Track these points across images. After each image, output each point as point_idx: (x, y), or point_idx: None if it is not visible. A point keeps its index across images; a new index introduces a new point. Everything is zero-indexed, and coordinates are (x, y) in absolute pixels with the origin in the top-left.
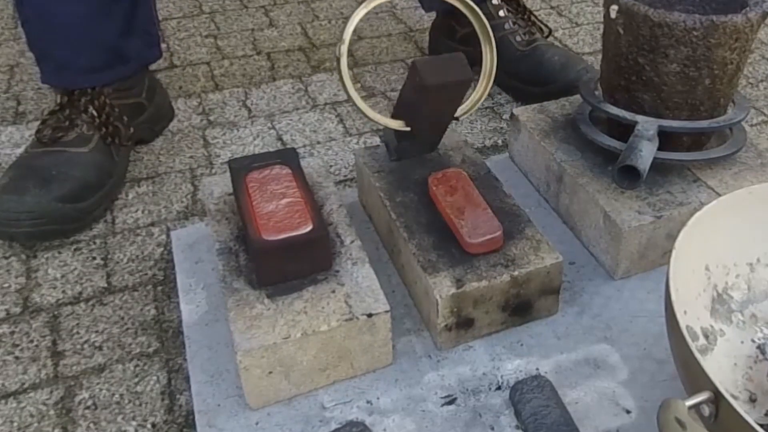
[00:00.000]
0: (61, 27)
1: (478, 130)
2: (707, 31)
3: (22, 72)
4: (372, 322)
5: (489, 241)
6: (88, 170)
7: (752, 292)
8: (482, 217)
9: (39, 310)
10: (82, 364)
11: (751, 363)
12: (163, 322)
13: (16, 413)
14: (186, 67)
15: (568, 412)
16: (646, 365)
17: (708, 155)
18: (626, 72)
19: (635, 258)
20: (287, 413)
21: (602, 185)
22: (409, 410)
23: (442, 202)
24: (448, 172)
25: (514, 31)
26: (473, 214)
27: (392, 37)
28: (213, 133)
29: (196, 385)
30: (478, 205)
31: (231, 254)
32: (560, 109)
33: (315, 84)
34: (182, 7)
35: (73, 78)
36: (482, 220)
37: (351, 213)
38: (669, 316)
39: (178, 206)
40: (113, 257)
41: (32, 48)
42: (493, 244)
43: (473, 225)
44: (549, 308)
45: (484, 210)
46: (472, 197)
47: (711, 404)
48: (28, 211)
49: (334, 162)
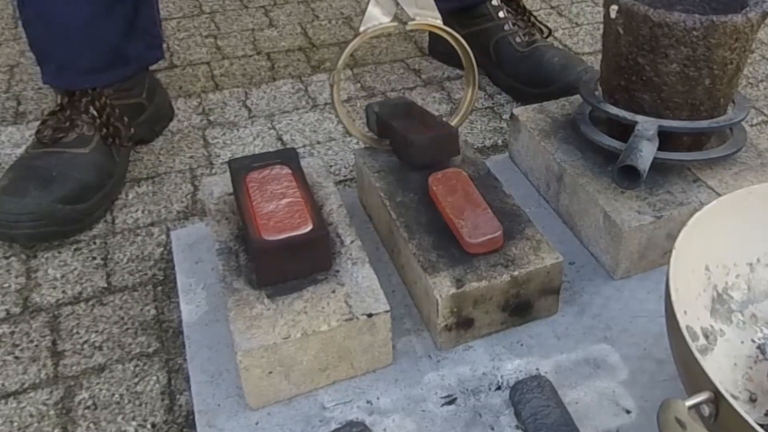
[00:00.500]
0: (62, 27)
1: (478, 130)
2: (707, 31)
3: (22, 72)
4: (372, 322)
5: (489, 241)
6: (88, 171)
7: (752, 292)
8: (482, 217)
9: (39, 310)
10: (82, 364)
11: (751, 363)
12: (163, 322)
13: (16, 413)
14: (186, 67)
15: (568, 412)
16: (646, 365)
17: (708, 155)
18: (626, 72)
19: (635, 258)
20: (287, 413)
21: (602, 185)
22: (409, 410)
23: (442, 202)
24: (448, 172)
25: (514, 32)
26: (473, 214)
27: (392, 37)
28: (213, 133)
29: (196, 385)
30: (478, 205)
31: (231, 254)
32: (560, 109)
33: (315, 84)
34: (182, 7)
35: (75, 78)
36: (482, 220)
37: (351, 213)
38: (669, 316)
39: (178, 206)
40: (113, 257)
41: (33, 48)
42: (494, 244)
43: (473, 225)
44: (549, 308)
45: (484, 210)
46: (472, 197)
47: (711, 404)
48: (28, 212)
49: (334, 162)
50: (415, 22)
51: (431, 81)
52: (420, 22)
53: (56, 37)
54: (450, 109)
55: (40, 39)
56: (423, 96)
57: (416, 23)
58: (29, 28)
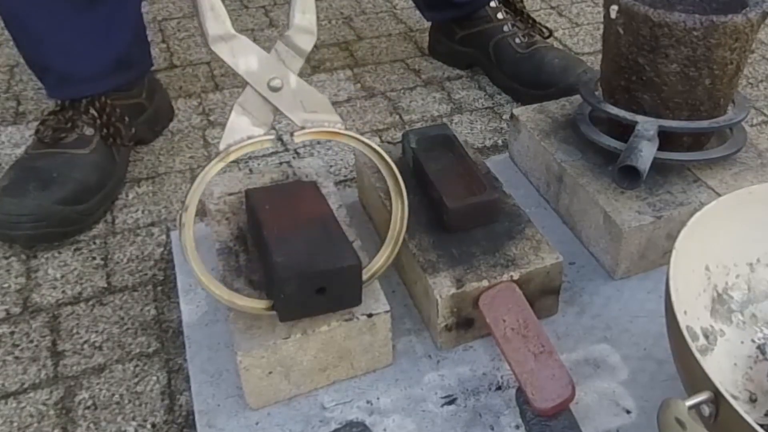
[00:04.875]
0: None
1: (478, 130)
2: (707, 31)
3: (22, 72)
4: (372, 322)
5: (561, 404)
6: (88, 172)
7: (752, 292)
8: (548, 369)
9: (39, 310)
10: (82, 364)
11: (751, 363)
12: (163, 322)
13: (16, 413)
14: (186, 67)
15: (573, 415)
16: (646, 365)
17: (708, 155)
18: (626, 72)
19: (635, 258)
20: (287, 413)
21: (602, 185)
22: (409, 410)
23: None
24: (499, 293)
25: (514, 33)
26: (538, 365)
27: (392, 37)
28: (213, 133)
29: (196, 385)
30: (542, 347)
31: (231, 254)
32: (560, 109)
33: (315, 84)
34: (182, 7)
35: (78, 88)
36: (548, 375)
37: (351, 213)
38: (669, 316)
39: (178, 206)
40: (113, 257)
41: (31, 66)
42: (566, 404)
43: (540, 384)
44: (549, 308)
45: (548, 356)
46: (533, 336)
47: (711, 404)
48: (28, 213)
49: (334, 162)
50: (305, 131)
51: (431, 81)
52: (313, 131)
53: (54, 50)
54: (450, 109)
55: (36, 55)
56: (423, 96)
57: (308, 132)
58: (23, 48)
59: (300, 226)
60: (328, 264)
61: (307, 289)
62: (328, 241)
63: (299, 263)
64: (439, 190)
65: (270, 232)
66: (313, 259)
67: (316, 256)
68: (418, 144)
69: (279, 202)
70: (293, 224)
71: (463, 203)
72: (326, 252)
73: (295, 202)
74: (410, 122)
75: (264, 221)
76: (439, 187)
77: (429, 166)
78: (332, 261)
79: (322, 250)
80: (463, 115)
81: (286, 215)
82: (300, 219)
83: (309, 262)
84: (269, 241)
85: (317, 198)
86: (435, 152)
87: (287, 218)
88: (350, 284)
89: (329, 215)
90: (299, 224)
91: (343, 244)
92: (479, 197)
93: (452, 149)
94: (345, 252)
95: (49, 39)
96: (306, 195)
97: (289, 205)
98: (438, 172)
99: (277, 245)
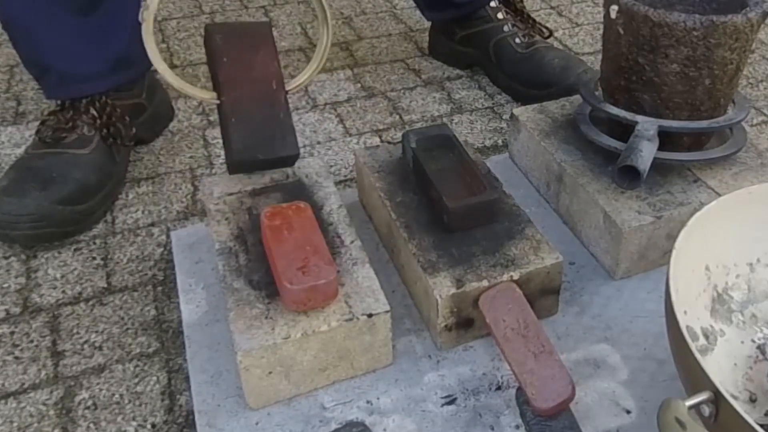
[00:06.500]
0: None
1: (478, 130)
2: (707, 31)
3: (22, 72)
4: (372, 322)
5: (561, 404)
6: (88, 172)
7: (752, 292)
8: (549, 369)
9: (39, 310)
10: (82, 364)
11: (751, 363)
12: (163, 322)
13: (16, 413)
14: (186, 67)
15: (573, 415)
16: (646, 365)
17: (708, 155)
18: (626, 72)
19: (635, 258)
20: (287, 413)
21: (602, 185)
22: (409, 410)
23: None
24: (499, 292)
25: (514, 33)
26: (538, 365)
27: (392, 37)
28: (213, 133)
29: (196, 385)
30: (542, 347)
31: (231, 254)
32: (560, 109)
33: (315, 84)
34: (182, 7)
35: (78, 87)
36: (549, 375)
37: (351, 213)
38: (669, 316)
39: (178, 206)
40: (113, 257)
41: (29, 66)
42: (566, 404)
43: (541, 384)
44: (549, 308)
45: (548, 356)
46: (532, 336)
47: (711, 404)
48: (28, 213)
49: (334, 162)
50: None
51: (431, 81)
52: None
53: (53, 50)
54: (450, 109)
55: (33, 55)
56: (423, 96)
57: None
58: (20, 49)
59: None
60: (272, 153)
61: (253, 166)
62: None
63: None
64: (439, 190)
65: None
66: (264, 147)
67: (267, 144)
68: (418, 144)
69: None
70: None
71: (463, 203)
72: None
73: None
74: (410, 122)
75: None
76: (439, 187)
77: (429, 166)
78: (276, 150)
79: (270, 135)
80: (463, 115)
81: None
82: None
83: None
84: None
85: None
86: (435, 152)
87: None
88: (289, 162)
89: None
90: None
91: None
92: (479, 197)
93: (452, 149)
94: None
95: (48, 39)
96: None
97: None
98: (438, 172)
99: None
